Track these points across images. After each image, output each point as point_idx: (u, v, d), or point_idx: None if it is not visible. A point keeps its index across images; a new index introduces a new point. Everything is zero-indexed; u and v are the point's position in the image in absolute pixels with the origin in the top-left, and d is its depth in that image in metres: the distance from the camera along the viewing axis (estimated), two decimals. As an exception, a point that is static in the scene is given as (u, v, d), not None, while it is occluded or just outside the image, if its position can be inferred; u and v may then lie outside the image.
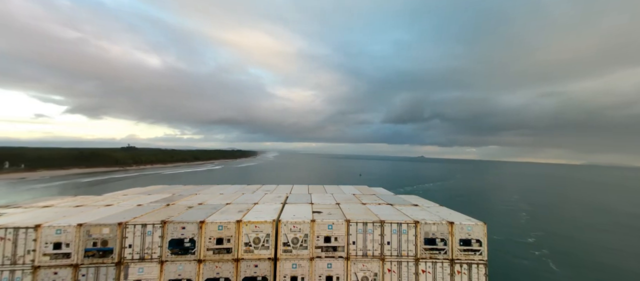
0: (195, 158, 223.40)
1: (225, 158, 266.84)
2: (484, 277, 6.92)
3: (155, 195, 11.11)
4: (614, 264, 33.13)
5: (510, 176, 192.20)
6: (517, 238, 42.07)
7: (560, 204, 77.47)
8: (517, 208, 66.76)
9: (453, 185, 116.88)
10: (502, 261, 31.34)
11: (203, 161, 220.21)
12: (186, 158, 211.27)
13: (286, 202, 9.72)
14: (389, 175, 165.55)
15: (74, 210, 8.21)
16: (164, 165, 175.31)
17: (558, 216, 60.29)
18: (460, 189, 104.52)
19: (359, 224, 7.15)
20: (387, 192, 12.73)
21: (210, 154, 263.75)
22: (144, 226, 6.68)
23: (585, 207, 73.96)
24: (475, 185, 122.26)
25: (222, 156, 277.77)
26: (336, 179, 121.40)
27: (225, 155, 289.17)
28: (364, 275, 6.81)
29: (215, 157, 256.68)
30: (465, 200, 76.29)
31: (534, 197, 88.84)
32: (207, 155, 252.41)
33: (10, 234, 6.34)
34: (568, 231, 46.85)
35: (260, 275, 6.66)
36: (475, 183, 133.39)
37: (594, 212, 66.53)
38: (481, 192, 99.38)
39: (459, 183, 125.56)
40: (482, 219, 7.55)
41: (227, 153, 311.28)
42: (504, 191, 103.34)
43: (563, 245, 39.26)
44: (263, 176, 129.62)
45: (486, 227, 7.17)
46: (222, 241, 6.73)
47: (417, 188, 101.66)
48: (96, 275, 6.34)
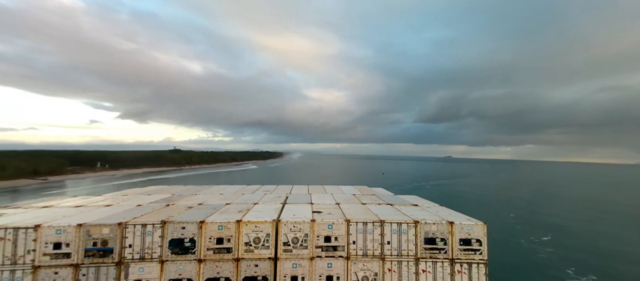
0: (232, 159, 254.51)
1: (257, 159, 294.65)
2: (484, 277, 6.94)
3: (155, 195, 11.12)
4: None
5: (543, 175, 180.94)
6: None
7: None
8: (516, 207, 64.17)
9: (460, 184, 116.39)
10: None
11: (239, 162, 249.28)
12: (226, 159, 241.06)
13: (286, 202, 9.75)
14: (406, 173, 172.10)
15: (74, 210, 8.24)
16: (208, 165, 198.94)
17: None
18: (466, 187, 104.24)
19: (359, 224, 7.17)
20: (387, 192, 12.73)
21: (244, 155, 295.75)
22: (144, 226, 6.71)
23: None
24: (487, 184, 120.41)
25: (255, 157, 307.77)
26: (358, 177, 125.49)
27: (256, 156, 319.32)
28: (364, 275, 6.83)
29: (248, 158, 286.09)
30: (462, 200, 73.73)
31: (552, 197, 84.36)
32: (241, 156, 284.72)
33: (10, 234, 6.34)
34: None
35: (261, 274, 6.68)
36: (490, 181, 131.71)
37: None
38: (485, 192, 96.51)
39: (471, 182, 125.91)
40: (483, 219, 7.51)
41: (258, 154, 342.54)
42: (516, 189, 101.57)
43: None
44: (290, 174, 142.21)
45: (486, 227, 7.19)
46: (222, 241, 6.76)
47: (424, 184, 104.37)
48: (96, 274, 6.36)
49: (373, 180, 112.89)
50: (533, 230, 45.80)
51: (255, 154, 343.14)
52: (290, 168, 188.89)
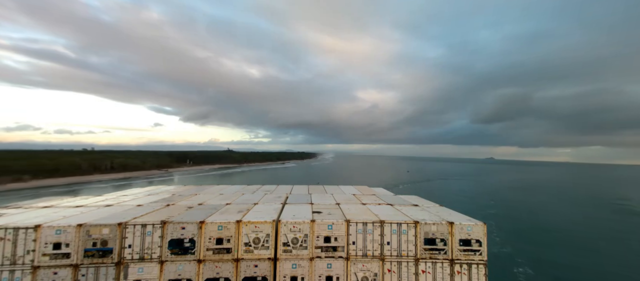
0: (277, 158, 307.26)
1: (295, 159, 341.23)
2: (484, 277, 6.94)
3: (155, 195, 11.16)
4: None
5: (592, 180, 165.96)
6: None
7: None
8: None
9: (468, 183, 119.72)
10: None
11: (283, 161, 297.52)
12: (272, 159, 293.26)
13: (286, 202, 9.78)
14: (431, 172, 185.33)
15: (74, 210, 8.26)
16: (260, 163, 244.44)
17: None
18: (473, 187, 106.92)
19: (359, 224, 7.17)
20: (387, 192, 12.70)
21: (286, 155, 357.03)
22: (143, 226, 6.74)
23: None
24: (481, 183, 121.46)
25: (293, 157, 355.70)
26: (381, 175, 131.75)
27: (294, 157, 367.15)
28: (364, 275, 6.83)
29: (287, 158, 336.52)
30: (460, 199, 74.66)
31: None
32: (284, 156, 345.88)
33: (10, 234, 6.36)
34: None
35: (260, 274, 6.70)
36: (491, 181, 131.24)
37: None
38: (492, 191, 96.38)
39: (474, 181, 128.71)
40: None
41: (295, 155, 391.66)
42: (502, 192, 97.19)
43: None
44: (322, 172, 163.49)
45: (486, 227, 7.20)
46: (222, 242, 6.77)
47: (439, 182, 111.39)
48: (96, 275, 6.38)
49: (373, 177, 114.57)
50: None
51: (293, 154, 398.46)
52: (320, 168, 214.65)
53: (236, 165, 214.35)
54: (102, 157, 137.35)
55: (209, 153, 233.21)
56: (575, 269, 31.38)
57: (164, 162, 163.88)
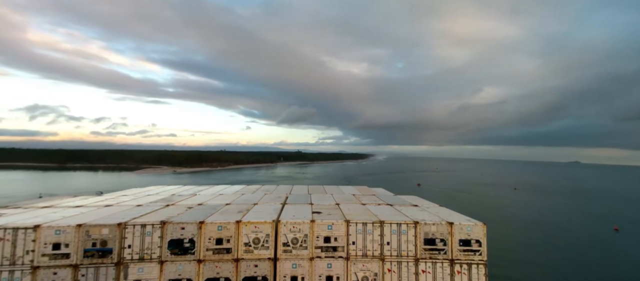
0: (336, 157, 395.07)
1: (350, 159, 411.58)
2: (484, 277, 6.97)
3: (154, 195, 11.19)
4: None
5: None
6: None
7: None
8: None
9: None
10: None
11: (342, 160, 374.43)
12: (332, 158, 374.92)
13: (286, 202, 9.82)
14: (471, 172, 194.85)
15: (74, 210, 8.28)
16: (327, 161, 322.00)
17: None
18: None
19: (359, 224, 7.22)
20: (387, 192, 12.77)
21: (344, 156, 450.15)
22: (143, 226, 6.76)
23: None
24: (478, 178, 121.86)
25: (349, 158, 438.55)
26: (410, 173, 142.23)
27: (351, 157, 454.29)
28: (364, 275, 6.88)
29: (346, 158, 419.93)
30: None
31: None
32: (343, 156, 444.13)
33: (9, 234, 6.38)
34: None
35: (260, 274, 6.74)
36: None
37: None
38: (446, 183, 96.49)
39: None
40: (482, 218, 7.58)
41: (350, 156, 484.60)
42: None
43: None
44: (359, 170, 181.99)
45: (486, 228, 7.22)
46: (221, 242, 6.80)
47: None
48: (96, 275, 6.39)
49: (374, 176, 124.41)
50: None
51: (348, 155, 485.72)
52: (365, 167, 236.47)
53: (308, 162, 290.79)
54: (223, 155, 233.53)
55: (285, 154, 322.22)
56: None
57: (262, 159, 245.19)
